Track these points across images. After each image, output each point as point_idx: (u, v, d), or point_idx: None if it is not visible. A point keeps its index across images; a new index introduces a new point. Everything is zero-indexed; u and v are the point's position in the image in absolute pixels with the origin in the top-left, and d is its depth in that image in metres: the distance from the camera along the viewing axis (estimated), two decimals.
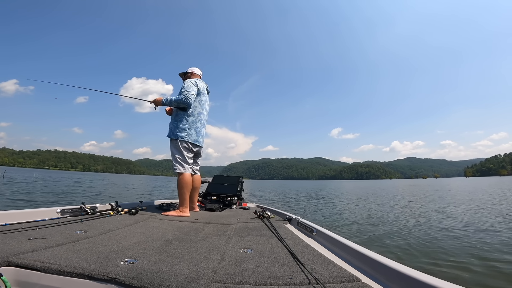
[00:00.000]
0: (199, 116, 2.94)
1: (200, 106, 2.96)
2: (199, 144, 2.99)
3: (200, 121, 2.96)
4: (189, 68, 3.20)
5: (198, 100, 2.94)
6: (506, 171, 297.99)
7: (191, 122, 2.87)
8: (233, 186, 3.88)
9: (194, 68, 3.18)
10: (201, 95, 2.97)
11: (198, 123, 2.93)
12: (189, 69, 3.18)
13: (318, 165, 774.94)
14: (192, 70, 3.16)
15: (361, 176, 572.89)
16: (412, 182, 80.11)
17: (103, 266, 1.02)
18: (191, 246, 1.43)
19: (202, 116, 2.99)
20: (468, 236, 4.59)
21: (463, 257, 3.44)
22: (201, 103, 2.97)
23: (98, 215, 2.26)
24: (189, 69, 3.19)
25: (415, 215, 7.31)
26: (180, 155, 2.82)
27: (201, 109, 2.97)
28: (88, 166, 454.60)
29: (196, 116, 2.91)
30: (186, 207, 2.70)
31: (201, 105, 2.96)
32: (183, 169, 2.79)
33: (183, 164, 2.81)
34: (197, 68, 3.19)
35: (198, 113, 2.93)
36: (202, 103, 2.99)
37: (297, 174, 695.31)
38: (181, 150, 2.82)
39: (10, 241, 1.28)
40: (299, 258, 1.22)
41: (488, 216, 6.81)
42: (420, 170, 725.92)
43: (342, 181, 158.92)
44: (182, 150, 2.82)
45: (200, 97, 2.96)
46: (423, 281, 0.83)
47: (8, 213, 1.82)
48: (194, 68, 3.18)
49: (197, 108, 2.93)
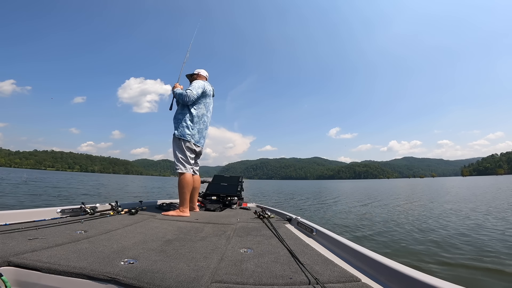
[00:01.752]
0: (203, 118, 2.97)
1: (205, 108, 2.99)
2: (201, 146, 3.02)
3: (204, 122, 2.99)
4: (195, 69, 3.22)
5: (204, 102, 2.96)
6: (503, 170, 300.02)
7: (195, 123, 2.89)
8: (233, 186, 3.88)
9: (201, 70, 3.20)
10: (207, 97, 3.00)
11: (201, 124, 2.95)
12: (195, 71, 3.20)
13: (316, 165, 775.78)
14: (199, 71, 3.18)
15: (359, 175, 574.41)
16: (410, 181, 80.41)
17: (103, 266, 1.02)
18: (191, 246, 1.43)
19: (206, 118, 3.02)
20: (460, 233, 4.64)
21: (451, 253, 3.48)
22: (206, 105, 2.99)
23: (98, 215, 2.25)
24: (196, 70, 3.20)
25: (412, 214, 7.35)
26: (182, 155, 2.84)
27: (206, 111, 3.00)
28: (85, 167, 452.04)
29: (200, 117, 2.94)
30: (186, 207, 2.71)
31: (205, 107, 2.99)
32: (185, 169, 2.80)
33: (185, 164, 2.83)
34: (204, 70, 3.21)
35: (202, 115, 2.96)
36: (207, 105, 3.01)
37: (295, 174, 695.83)
38: (184, 150, 2.84)
39: (10, 241, 1.28)
40: (299, 258, 1.22)
41: (481, 214, 6.88)
42: (418, 170, 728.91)
43: (340, 181, 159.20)
44: (185, 150, 2.84)
45: (206, 99, 2.98)
46: (423, 281, 0.83)
47: (8, 213, 1.82)
48: (201, 70, 3.20)
49: (202, 110, 2.95)
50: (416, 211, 8.21)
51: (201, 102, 2.94)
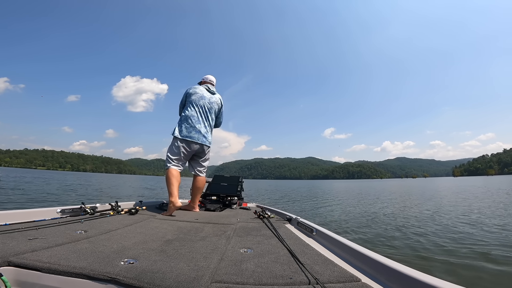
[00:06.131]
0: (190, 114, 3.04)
1: (192, 106, 3.08)
2: (195, 140, 2.99)
3: (191, 118, 3.02)
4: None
5: (189, 101, 3.13)
6: (494, 171, 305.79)
7: (182, 121, 3.03)
8: (233, 186, 3.88)
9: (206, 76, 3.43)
10: (192, 96, 3.13)
11: (189, 119, 3.01)
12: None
13: (310, 164, 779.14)
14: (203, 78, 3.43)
15: (353, 175, 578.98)
16: (402, 181, 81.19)
17: (103, 266, 1.01)
18: (191, 246, 1.43)
19: (195, 113, 3.06)
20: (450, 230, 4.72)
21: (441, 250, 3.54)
22: (192, 102, 3.10)
23: (98, 215, 2.23)
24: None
25: (404, 214, 7.45)
26: (169, 151, 2.98)
27: (192, 108, 3.07)
28: (76, 166, 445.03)
29: (188, 115, 3.03)
30: (173, 197, 2.69)
31: (192, 105, 3.09)
32: (169, 165, 2.93)
33: (169, 160, 2.95)
34: (208, 76, 3.42)
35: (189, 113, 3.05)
36: (194, 101, 3.10)
37: (289, 174, 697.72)
38: (171, 147, 2.99)
39: (10, 241, 1.26)
40: (299, 258, 1.22)
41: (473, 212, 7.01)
42: (410, 170, 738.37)
43: (334, 181, 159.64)
44: (172, 147, 2.99)
45: (190, 98, 3.13)
46: (423, 281, 0.82)
47: (8, 213, 1.79)
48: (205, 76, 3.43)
49: (189, 109, 3.07)
50: (410, 210, 8.33)
51: (188, 102, 3.12)
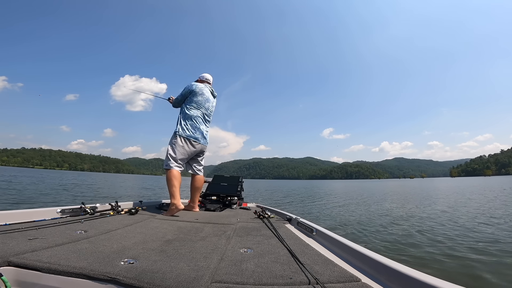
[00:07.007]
0: (195, 115, 3.04)
1: (197, 106, 3.08)
2: (198, 142, 3.01)
3: (196, 118, 3.03)
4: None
5: (195, 100, 3.08)
6: (491, 171, 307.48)
7: (186, 119, 3.00)
8: (233, 186, 3.89)
9: (203, 74, 3.44)
10: (198, 96, 3.10)
11: (193, 120, 3.01)
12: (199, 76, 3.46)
13: (308, 164, 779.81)
14: (200, 76, 3.44)
15: (351, 176, 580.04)
16: (400, 182, 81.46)
17: (103, 266, 1.01)
18: (191, 246, 1.43)
19: (201, 115, 3.08)
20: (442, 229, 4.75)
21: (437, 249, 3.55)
22: (197, 103, 3.08)
23: (98, 215, 2.23)
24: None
25: (401, 214, 7.49)
26: (171, 150, 2.91)
27: (197, 108, 3.07)
28: (74, 165, 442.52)
29: (192, 114, 3.02)
30: (175, 200, 2.66)
31: (198, 105, 3.08)
32: (170, 165, 2.85)
33: (170, 159, 2.88)
34: (205, 74, 3.44)
35: (194, 112, 3.04)
36: (200, 103, 3.09)
37: (288, 174, 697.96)
38: (172, 146, 2.92)
39: (10, 241, 1.26)
40: (299, 258, 1.22)
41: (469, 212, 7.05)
42: (408, 170, 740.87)
43: (332, 181, 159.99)
44: (174, 146, 2.92)
45: (197, 97, 3.09)
46: (423, 281, 0.83)
47: (8, 213, 1.79)
48: (202, 74, 3.43)
49: (193, 108, 3.06)
50: (410, 210, 8.37)
51: (193, 101, 3.06)
